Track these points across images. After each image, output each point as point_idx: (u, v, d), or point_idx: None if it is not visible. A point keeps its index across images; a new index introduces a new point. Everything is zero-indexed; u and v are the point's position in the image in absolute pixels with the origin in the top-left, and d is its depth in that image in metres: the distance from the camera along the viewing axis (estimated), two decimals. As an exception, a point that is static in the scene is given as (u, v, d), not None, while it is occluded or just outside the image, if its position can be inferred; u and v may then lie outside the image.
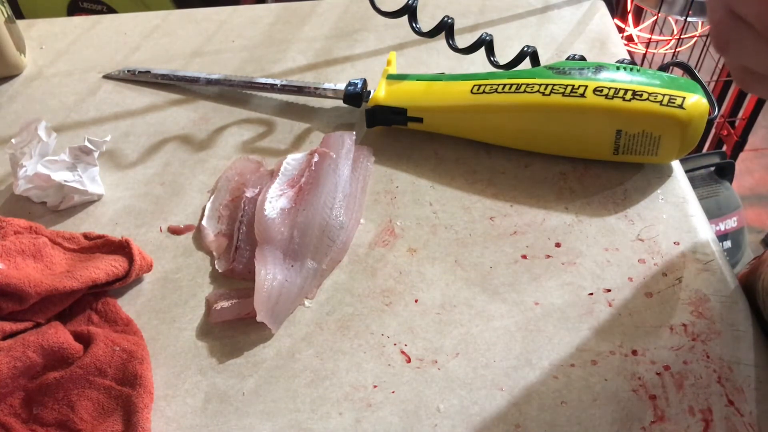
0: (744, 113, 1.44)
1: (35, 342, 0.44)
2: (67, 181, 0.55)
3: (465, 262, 0.51)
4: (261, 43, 0.72)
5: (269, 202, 0.52)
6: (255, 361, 0.46)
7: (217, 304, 0.49)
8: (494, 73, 0.57)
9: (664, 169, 0.56)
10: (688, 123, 0.51)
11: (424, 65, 0.68)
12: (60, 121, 0.65)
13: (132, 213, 0.56)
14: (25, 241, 0.49)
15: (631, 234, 0.52)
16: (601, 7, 0.74)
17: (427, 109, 0.58)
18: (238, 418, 0.43)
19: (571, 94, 0.53)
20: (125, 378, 0.44)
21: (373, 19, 0.74)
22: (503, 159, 0.58)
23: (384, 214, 0.55)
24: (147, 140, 0.62)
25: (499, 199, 0.55)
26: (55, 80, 0.69)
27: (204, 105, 0.66)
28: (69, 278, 0.47)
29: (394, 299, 0.49)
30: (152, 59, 0.71)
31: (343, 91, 0.61)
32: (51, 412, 0.43)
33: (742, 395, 0.42)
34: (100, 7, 1.25)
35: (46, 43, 0.74)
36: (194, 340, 0.47)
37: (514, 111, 0.55)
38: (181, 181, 0.58)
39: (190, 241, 0.54)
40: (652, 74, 0.54)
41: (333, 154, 0.56)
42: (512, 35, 0.71)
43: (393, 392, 0.44)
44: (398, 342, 0.47)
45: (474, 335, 0.47)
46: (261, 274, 0.48)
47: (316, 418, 0.43)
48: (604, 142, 0.54)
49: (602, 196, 0.55)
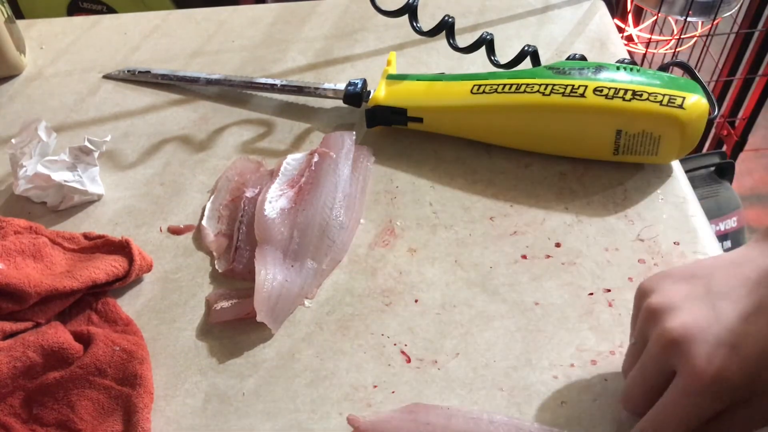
0: (744, 113, 1.43)
1: (35, 342, 0.44)
2: (67, 181, 0.55)
3: (465, 262, 0.51)
4: (261, 43, 0.72)
5: (269, 202, 0.52)
6: (255, 361, 0.46)
7: (217, 304, 0.49)
8: (494, 73, 0.57)
9: (664, 169, 0.56)
10: (688, 123, 0.51)
11: (424, 65, 0.68)
12: (60, 121, 0.65)
13: (132, 213, 0.56)
14: (25, 241, 0.49)
15: (631, 234, 0.52)
16: (601, 7, 0.74)
17: (427, 109, 0.58)
18: (238, 418, 0.43)
19: (571, 94, 0.53)
20: (125, 378, 0.44)
21: (373, 19, 0.74)
22: (503, 159, 0.58)
23: (384, 214, 0.55)
24: (147, 140, 0.62)
25: (499, 199, 0.55)
26: (55, 80, 0.69)
27: (204, 105, 0.66)
28: (69, 278, 0.47)
29: (394, 299, 0.49)
30: (152, 59, 0.71)
31: (343, 91, 0.61)
32: (51, 412, 0.43)
33: (742, 395, 0.42)
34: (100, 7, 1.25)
35: (46, 43, 0.74)
36: (194, 340, 0.47)
37: (514, 111, 0.55)
38: (181, 181, 0.58)
39: (190, 241, 0.54)
40: (652, 74, 0.54)
41: (333, 154, 0.56)
42: (512, 35, 0.71)
43: (393, 392, 0.44)
44: (398, 342, 0.47)
45: (474, 335, 0.47)
46: (261, 274, 0.48)
47: (316, 418, 0.43)
48: (604, 142, 0.54)
49: (602, 196, 0.55)
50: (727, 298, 0.36)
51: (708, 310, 0.36)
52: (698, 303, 0.36)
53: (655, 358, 0.37)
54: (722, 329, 0.35)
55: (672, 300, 0.37)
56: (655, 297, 0.38)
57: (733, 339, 0.34)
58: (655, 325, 0.37)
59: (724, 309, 0.35)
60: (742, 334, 0.34)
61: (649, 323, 0.38)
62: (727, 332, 0.34)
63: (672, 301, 0.37)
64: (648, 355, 0.37)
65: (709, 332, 0.35)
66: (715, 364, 0.34)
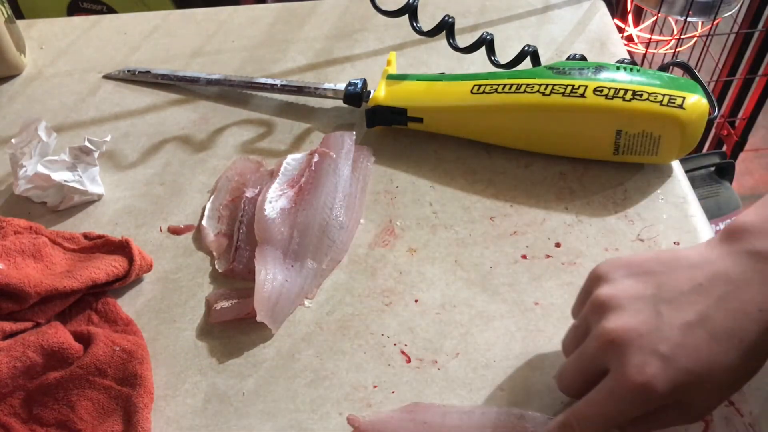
0: (744, 113, 1.43)
1: (35, 342, 0.44)
2: (67, 181, 0.55)
3: (465, 262, 0.51)
4: (261, 43, 0.72)
5: (269, 202, 0.52)
6: (255, 361, 0.46)
7: (217, 304, 0.49)
8: (494, 73, 0.57)
9: (664, 169, 0.56)
10: (688, 123, 0.51)
11: (424, 65, 0.68)
12: (60, 121, 0.65)
13: (132, 213, 0.56)
14: (25, 241, 0.49)
15: (631, 234, 0.52)
16: (601, 7, 0.74)
17: (427, 109, 0.58)
18: (238, 418, 0.43)
19: (571, 94, 0.53)
20: (125, 378, 0.44)
21: (373, 19, 0.73)
22: (503, 159, 0.58)
23: (384, 214, 0.55)
24: (147, 140, 0.62)
25: (499, 199, 0.55)
26: (55, 80, 0.69)
27: (204, 105, 0.66)
28: (69, 278, 0.47)
29: (394, 299, 0.49)
30: (152, 59, 0.71)
31: (343, 91, 0.61)
32: (51, 412, 0.43)
33: (742, 395, 0.42)
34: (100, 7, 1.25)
35: (46, 43, 0.74)
36: (194, 340, 0.47)
37: (514, 111, 0.55)
38: (181, 181, 0.58)
39: (190, 241, 0.54)
40: (652, 74, 0.54)
41: (333, 154, 0.56)
42: (512, 35, 0.71)
43: (393, 392, 0.44)
44: (398, 342, 0.47)
45: (474, 335, 0.47)
46: (261, 274, 0.48)
47: (316, 418, 0.43)
48: (604, 142, 0.54)
49: (602, 196, 0.55)
50: (672, 304, 0.36)
51: (651, 315, 0.36)
52: (644, 305, 0.36)
53: (591, 353, 0.38)
54: (660, 338, 0.35)
55: (619, 297, 0.37)
56: (605, 288, 0.38)
57: (668, 350, 0.35)
58: (598, 319, 0.38)
59: (667, 316, 0.36)
60: (678, 346, 0.35)
61: (593, 314, 0.38)
62: (664, 342, 0.35)
63: (619, 298, 0.37)
64: (586, 347, 0.38)
65: (646, 339, 0.35)
66: (645, 373, 0.34)
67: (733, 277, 0.36)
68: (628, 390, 0.35)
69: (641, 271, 0.38)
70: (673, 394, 0.35)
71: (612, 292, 0.38)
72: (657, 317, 0.36)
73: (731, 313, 0.35)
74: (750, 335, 0.35)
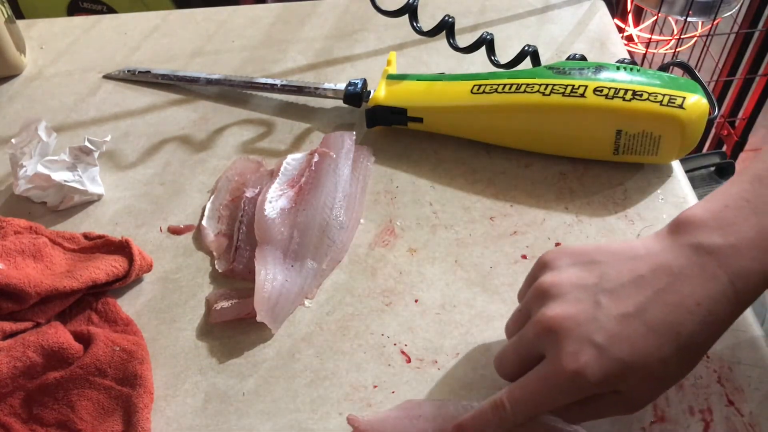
0: (744, 113, 1.43)
1: (35, 342, 0.44)
2: (67, 181, 0.55)
3: (465, 262, 0.51)
4: (261, 43, 0.72)
5: (269, 202, 0.52)
6: (255, 361, 0.46)
7: (217, 304, 0.49)
8: (494, 73, 0.57)
9: (664, 169, 0.56)
10: (688, 123, 0.51)
11: (424, 65, 0.68)
12: (60, 121, 0.65)
13: (132, 213, 0.56)
14: (25, 241, 0.49)
15: (631, 234, 0.52)
16: (601, 7, 0.74)
17: (427, 109, 0.58)
18: (238, 418, 0.43)
19: (571, 94, 0.53)
20: (125, 378, 0.44)
21: (373, 19, 0.74)
22: (503, 159, 0.58)
23: (384, 214, 0.55)
24: (147, 140, 0.62)
25: (499, 199, 0.55)
26: (55, 80, 0.69)
27: (204, 105, 0.66)
28: (69, 278, 0.47)
29: (394, 299, 0.49)
30: (152, 59, 0.71)
31: (343, 91, 0.61)
32: (51, 412, 0.43)
33: (742, 395, 0.42)
34: (100, 7, 1.25)
35: (46, 43, 0.74)
36: (194, 340, 0.47)
37: (514, 111, 0.55)
38: (181, 181, 0.58)
39: (190, 241, 0.54)
40: (652, 74, 0.54)
41: (333, 154, 0.56)
42: (512, 35, 0.71)
43: (393, 392, 0.44)
44: (398, 342, 0.47)
45: (474, 335, 0.47)
46: (261, 274, 0.48)
47: (316, 418, 0.43)
48: (604, 142, 0.54)
49: (602, 196, 0.55)
50: (612, 295, 0.36)
51: (590, 304, 0.36)
52: (584, 295, 0.37)
53: (529, 338, 0.38)
54: (596, 327, 0.35)
55: (561, 284, 0.38)
56: (548, 276, 0.39)
57: (603, 340, 0.35)
58: (539, 306, 0.38)
59: (606, 306, 0.36)
60: (613, 336, 0.35)
61: (535, 301, 0.39)
62: (600, 332, 0.35)
63: (561, 286, 0.38)
64: (524, 332, 0.39)
65: (583, 328, 0.36)
66: (578, 361, 0.35)
67: (675, 270, 0.36)
68: (560, 376, 0.35)
69: (586, 261, 0.38)
70: (606, 383, 0.35)
71: (555, 280, 0.38)
72: (596, 307, 0.36)
73: (669, 306, 0.35)
74: (687, 329, 0.35)
